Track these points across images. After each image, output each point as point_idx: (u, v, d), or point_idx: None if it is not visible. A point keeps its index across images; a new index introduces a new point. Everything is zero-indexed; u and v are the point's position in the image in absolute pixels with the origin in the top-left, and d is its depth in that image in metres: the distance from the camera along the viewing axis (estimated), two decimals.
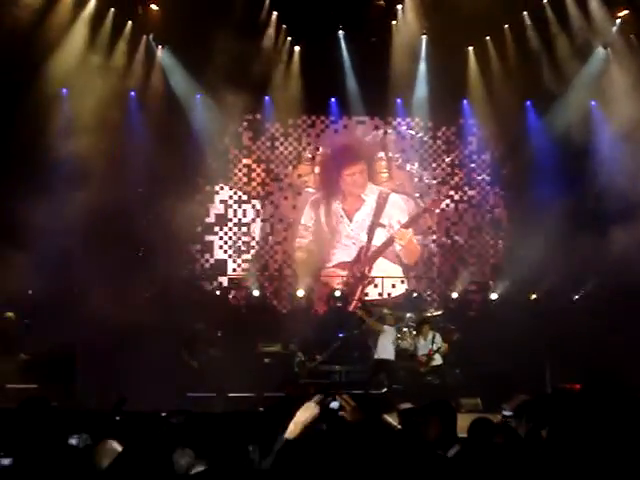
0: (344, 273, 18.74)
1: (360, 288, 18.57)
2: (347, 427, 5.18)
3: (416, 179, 19.30)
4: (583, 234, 16.42)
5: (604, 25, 16.79)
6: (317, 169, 19.24)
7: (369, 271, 18.75)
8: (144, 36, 17.28)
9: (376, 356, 15.09)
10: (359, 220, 18.93)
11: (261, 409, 10.01)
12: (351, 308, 17.80)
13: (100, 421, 7.53)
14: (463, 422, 6.28)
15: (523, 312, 16.81)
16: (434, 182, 19.26)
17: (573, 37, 16.70)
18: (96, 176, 16.31)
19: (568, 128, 17.65)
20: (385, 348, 14.94)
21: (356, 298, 18.28)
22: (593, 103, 17.98)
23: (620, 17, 16.60)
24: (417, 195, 19.23)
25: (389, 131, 19.27)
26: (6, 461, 5.45)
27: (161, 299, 16.47)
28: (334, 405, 5.07)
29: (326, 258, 18.92)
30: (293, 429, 4.98)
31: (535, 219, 17.71)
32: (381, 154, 19.27)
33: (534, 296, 17.54)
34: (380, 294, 18.68)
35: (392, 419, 6.43)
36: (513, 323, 16.50)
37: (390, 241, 18.64)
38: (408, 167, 19.32)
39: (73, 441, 6.12)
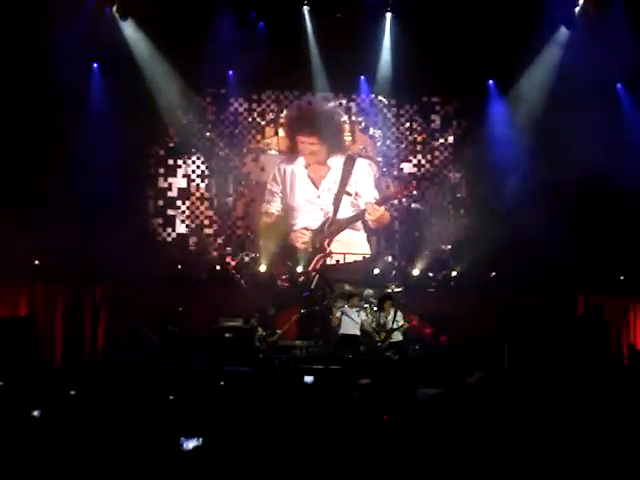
0: (305, 238, 18.75)
1: (316, 260, 18.58)
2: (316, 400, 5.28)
3: (379, 143, 19.33)
4: (542, 211, 16.66)
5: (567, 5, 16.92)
6: (281, 132, 19.22)
7: (329, 244, 18.77)
8: (108, 8, 17.08)
9: (341, 332, 15.12)
10: (325, 188, 18.95)
11: (222, 383, 10.08)
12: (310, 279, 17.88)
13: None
14: None
15: (483, 290, 17.04)
16: (397, 149, 19.29)
17: (534, 16, 16.74)
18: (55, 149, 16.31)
19: (530, 107, 17.86)
20: (349, 323, 15.01)
21: (311, 269, 18.33)
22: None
23: None
24: (380, 160, 19.28)
25: (351, 104, 19.30)
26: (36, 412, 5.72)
27: (124, 272, 16.48)
28: (308, 380, 5.18)
29: (291, 225, 18.93)
30: None
31: (496, 198, 17.90)
32: (344, 118, 19.28)
33: (494, 273, 17.75)
34: (337, 261, 18.75)
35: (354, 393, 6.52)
36: (472, 300, 16.74)
37: (361, 215, 18.71)
38: (371, 131, 19.36)
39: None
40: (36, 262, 16.78)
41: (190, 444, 5.41)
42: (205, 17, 16.97)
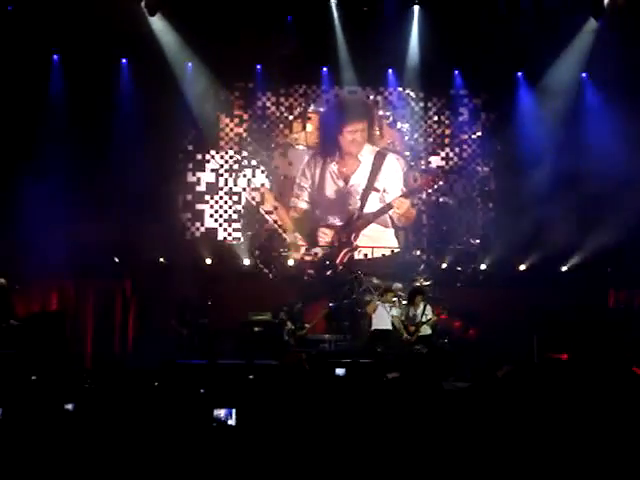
0: (328, 238, 18.76)
1: (343, 254, 18.59)
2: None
3: (406, 137, 19.30)
4: (575, 206, 16.62)
5: None
6: (309, 127, 19.23)
7: (355, 238, 18.78)
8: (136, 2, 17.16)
9: (374, 327, 15.11)
10: (354, 183, 18.94)
11: (251, 377, 10.14)
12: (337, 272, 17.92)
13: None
14: None
15: (511, 283, 16.99)
16: (424, 143, 19.26)
17: (564, 7, 16.64)
18: (87, 144, 16.47)
19: (559, 100, 17.78)
20: (382, 318, 14.99)
21: (338, 262, 18.35)
22: (584, 74, 18.05)
23: None
24: (407, 154, 19.25)
25: (379, 97, 19.28)
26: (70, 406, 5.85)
27: (154, 267, 16.64)
28: (340, 372, 5.23)
29: (319, 220, 18.95)
30: None
31: (525, 191, 17.83)
32: (374, 110, 19.27)
33: (523, 267, 17.70)
34: (365, 255, 18.74)
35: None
36: (502, 293, 16.70)
37: (387, 209, 18.67)
38: (399, 125, 19.33)
39: None
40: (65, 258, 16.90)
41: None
42: (233, 11, 16.99)
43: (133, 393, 6.77)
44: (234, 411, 6.08)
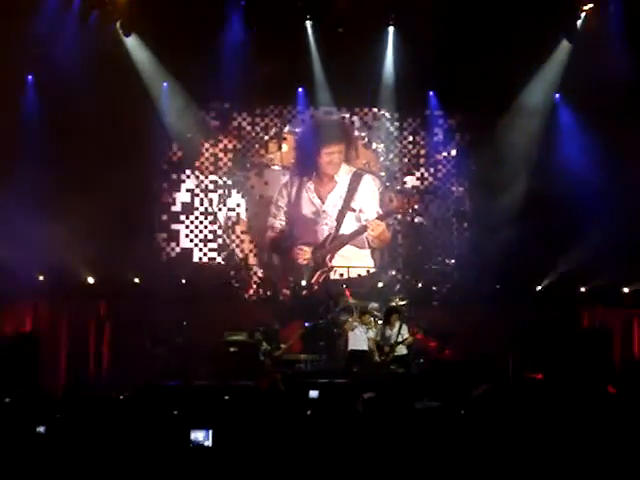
0: (307, 255, 18.74)
1: (318, 274, 18.58)
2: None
3: (382, 158, 19.35)
4: (548, 225, 16.71)
5: (569, 18, 16.92)
6: (285, 147, 19.24)
7: (331, 259, 18.77)
8: (111, 24, 17.13)
9: (351, 347, 15.10)
10: (330, 203, 18.95)
11: (226, 397, 10.10)
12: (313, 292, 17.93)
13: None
14: None
15: (487, 303, 17.03)
16: (400, 163, 19.31)
17: (537, 29, 16.76)
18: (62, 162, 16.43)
19: (533, 120, 17.90)
20: (359, 339, 14.99)
21: (314, 283, 18.35)
22: (557, 96, 18.19)
23: (585, 11, 16.71)
24: (383, 175, 19.28)
25: (354, 118, 19.33)
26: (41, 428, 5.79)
27: (128, 287, 16.59)
28: (313, 394, 5.22)
29: (296, 239, 18.92)
30: None
31: (499, 210, 17.92)
32: (351, 131, 19.33)
33: (498, 286, 17.76)
34: (341, 275, 18.70)
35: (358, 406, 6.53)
36: (477, 313, 16.74)
37: (362, 230, 18.66)
38: (374, 146, 19.38)
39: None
40: (40, 278, 16.80)
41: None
42: (209, 32, 17.01)
43: (107, 416, 6.73)
44: (210, 432, 6.06)
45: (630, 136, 16.12)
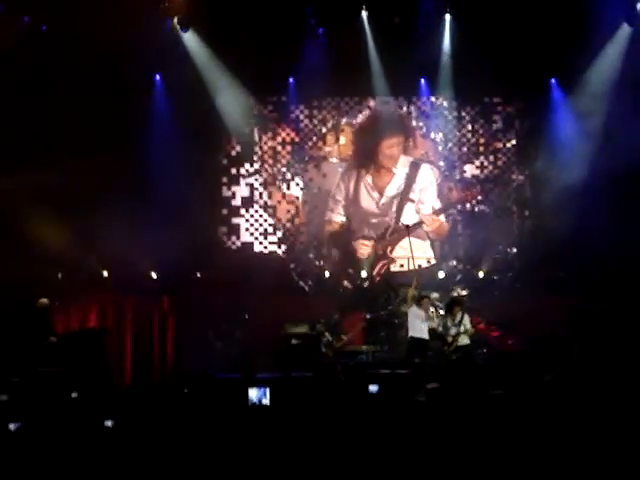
0: (367, 249, 18.69)
1: (380, 266, 18.52)
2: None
3: (440, 147, 19.23)
4: (611, 213, 16.44)
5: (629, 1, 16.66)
6: (342, 139, 19.21)
7: (391, 251, 18.68)
8: (169, 19, 17.27)
9: (410, 334, 14.93)
10: (389, 194, 18.84)
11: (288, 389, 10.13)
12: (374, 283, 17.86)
13: None
14: None
15: (550, 291, 16.84)
16: (459, 152, 19.17)
17: (598, 13, 16.51)
18: (122, 161, 16.60)
19: (593, 106, 17.63)
20: (418, 327, 14.86)
21: (375, 274, 18.29)
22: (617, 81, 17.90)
23: None
24: (442, 164, 19.17)
25: (412, 107, 19.21)
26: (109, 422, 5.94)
27: (191, 281, 16.75)
28: (373, 389, 5.22)
29: (355, 232, 18.89)
30: None
31: (562, 198, 17.69)
32: (409, 121, 19.20)
33: (561, 274, 17.51)
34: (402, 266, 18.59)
35: (419, 397, 6.50)
36: (540, 302, 16.54)
37: (418, 224, 18.47)
38: (432, 135, 19.26)
39: None
40: (105, 274, 17.04)
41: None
42: (265, 25, 17.06)
43: (170, 409, 6.80)
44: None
45: None
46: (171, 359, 17.04)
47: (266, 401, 7.43)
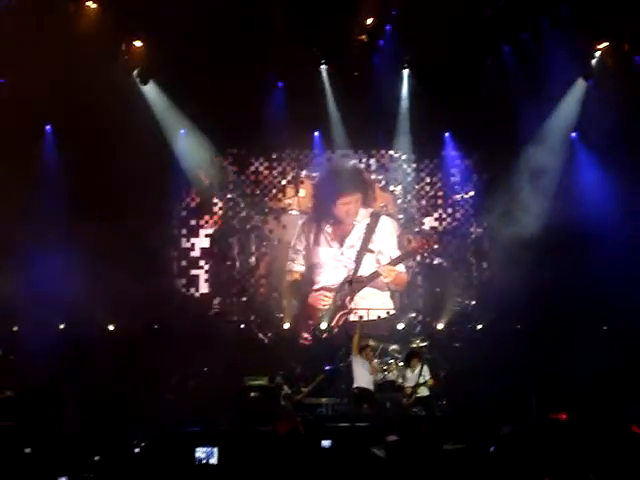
0: (327, 300, 18.67)
1: (338, 317, 18.49)
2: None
3: (399, 200, 19.35)
4: (564, 264, 16.59)
5: (584, 56, 16.97)
6: (302, 192, 19.28)
7: (350, 301, 18.68)
8: (129, 72, 17.30)
9: (355, 385, 14.85)
10: (349, 245, 18.91)
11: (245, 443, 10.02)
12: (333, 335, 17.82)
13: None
14: None
15: (508, 342, 16.88)
16: (418, 204, 19.32)
17: (553, 68, 16.81)
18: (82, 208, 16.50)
19: (549, 159, 17.89)
20: (363, 377, 14.79)
21: (334, 326, 18.25)
22: (573, 134, 18.18)
23: (600, 49, 16.75)
24: (401, 217, 19.28)
25: (371, 160, 19.35)
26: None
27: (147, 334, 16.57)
28: (325, 444, 5.17)
29: (314, 283, 18.89)
30: None
31: (519, 249, 17.85)
32: (368, 175, 19.36)
33: (518, 326, 17.61)
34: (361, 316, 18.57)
35: (378, 451, 6.46)
36: (498, 353, 16.57)
37: (376, 275, 18.48)
38: (391, 188, 19.39)
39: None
40: (61, 326, 16.82)
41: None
42: (225, 79, 17.16)
43: (126, 469, 6.70)
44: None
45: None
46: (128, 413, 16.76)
47: (214, 460, 7.23)
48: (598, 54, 16.81)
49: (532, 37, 16.64)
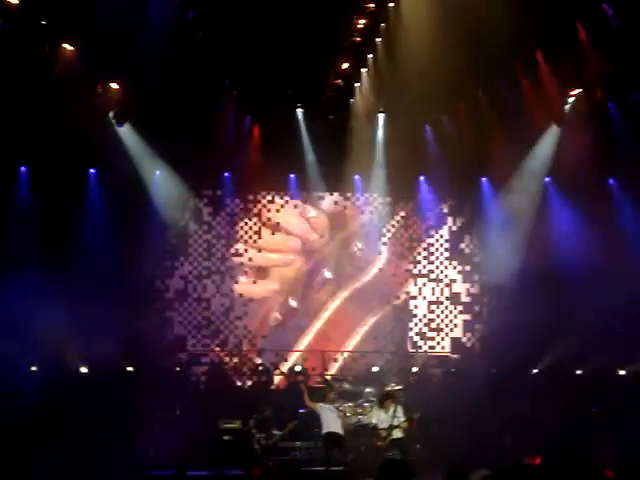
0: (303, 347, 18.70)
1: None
2: None
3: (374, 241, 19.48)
4: (542, 307, 16.66)
5: (557, 103, 17.15)
6: (278, 235, 19.34)
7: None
8: (104, 113, 17.31)
9: (324, 431, 14.69)
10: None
11: None
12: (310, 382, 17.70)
13: None
14: None
15: (484, 386, 16.89)
16: (392, 247, 19.42)
17: (527, 114, 16.99)
18: (55, 252, 16.39)
19: (523, 203, 18.02)
20: (332, 422, 14.63)
21: (308, 368, 18.19)
22: (547, 179, 18.35)
23: (573, 95, 16.95)
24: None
25: (347, 203, 19.46)
26: None
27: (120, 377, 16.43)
28: None
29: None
30: None
31: (492, 293, 17.94)
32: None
33: (494, 370, 17.62)
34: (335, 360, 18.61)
35: None
36: (474, 397, 16.57)
37: None
38: (366, 230, 19.50)
39: None
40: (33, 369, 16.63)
41: None
42: (202, 122, 17.23)
43: None
44: None
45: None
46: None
47: None
48: (571, 100, 16.98)
49: (506, 83, 16.84)
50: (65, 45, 15.29)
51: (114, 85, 16.67)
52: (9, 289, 15.45)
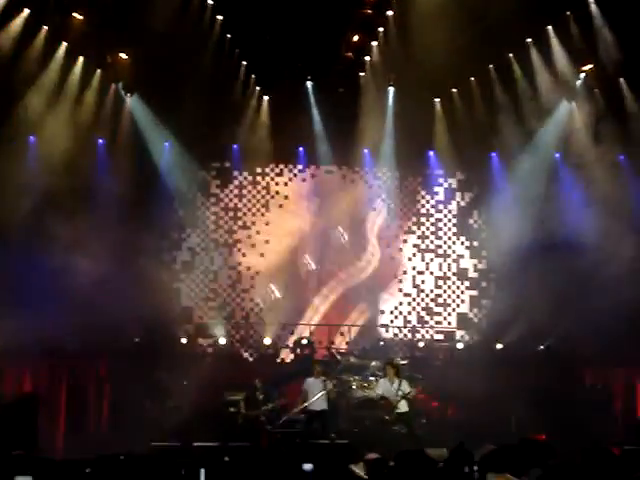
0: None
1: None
2: None
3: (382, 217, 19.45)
4: (549, 283, 16.63)
5: (569, 79, 17.06)
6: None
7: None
8: (113, 84, 17.25)
9: (306, 406, 14.68)
10: None
11: (226, 459, 9.96)
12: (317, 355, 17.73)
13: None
14: None
15: (489, 361, 16.89)
16: (400, 222, 19.38)
17: (538, 89, 16.91)
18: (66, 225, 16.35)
19: (533, 179, 17.95)
20: (314, 398, 14.60)
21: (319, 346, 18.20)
22: (557, 155, 18.26)
23: (584, 71, 16.86)
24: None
25: (354, 176, 19.40)
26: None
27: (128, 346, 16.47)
28: (307, 468, 5.14)
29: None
30: None
31: (501, 268, 17.89)
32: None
33: (500, 345, 17.61)
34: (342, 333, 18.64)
35: (358, 469, 6.43)
36: (479, 372, 16.57)
37: None
38: (374, 205, 19.45)
39: None
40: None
41: None
42: (211, 94, 17.15)
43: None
44: None
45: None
46: (107, 426, 16.64)
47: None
48: (582, 75, 16.89)
49: (517, 58, 16.76)
50: (75, 14, 15.24)
51: (123, 55, 16.61)
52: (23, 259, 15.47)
